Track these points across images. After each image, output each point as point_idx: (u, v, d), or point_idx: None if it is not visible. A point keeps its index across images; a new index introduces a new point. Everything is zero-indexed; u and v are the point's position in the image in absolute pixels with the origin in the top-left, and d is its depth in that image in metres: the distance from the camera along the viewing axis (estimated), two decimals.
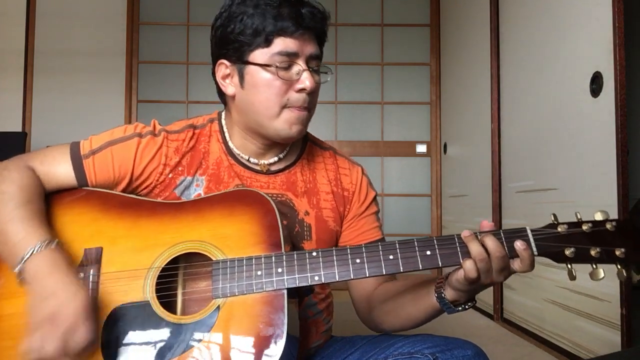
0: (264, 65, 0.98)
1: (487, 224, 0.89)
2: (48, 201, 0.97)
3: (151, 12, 3.89)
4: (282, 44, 0.97)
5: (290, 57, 0.98)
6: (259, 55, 0.98)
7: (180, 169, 1.03)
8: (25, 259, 0.84)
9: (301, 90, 0.98)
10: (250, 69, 0.99)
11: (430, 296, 0.93)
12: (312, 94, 1.01)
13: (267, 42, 0.97)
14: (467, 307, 0.92)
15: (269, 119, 1.00)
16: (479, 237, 0.86)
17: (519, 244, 0.85)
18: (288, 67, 0.98)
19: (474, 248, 0.85)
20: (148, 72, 3.86)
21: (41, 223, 0.89)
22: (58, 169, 0.99)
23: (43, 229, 0.88)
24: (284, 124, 1.00)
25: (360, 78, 3.91)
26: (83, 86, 3.78)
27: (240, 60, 1.00)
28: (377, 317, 1.04)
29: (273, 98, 0.98)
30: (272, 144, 1.06)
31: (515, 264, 0.87)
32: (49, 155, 1.00)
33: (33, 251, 0.84)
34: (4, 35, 3.71)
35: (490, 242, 0.85)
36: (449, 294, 0.90)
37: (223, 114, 1.11)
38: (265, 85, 0.98)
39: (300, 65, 0.98)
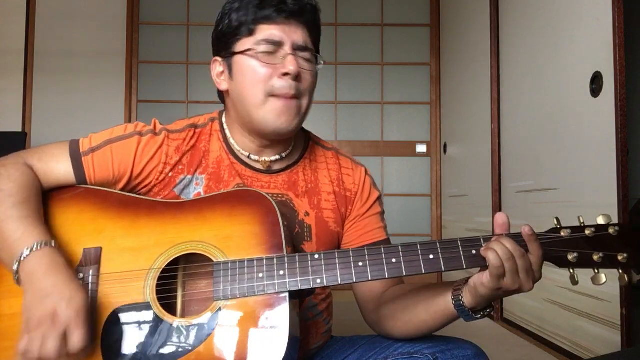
0: (247, 51, 0.98)
1: (500, 217, 0.86)
2: (46, 198, 0.96)
3: (151, 12, 3.88)
4: (265, 31, 0.98)
5: (275, 45, 0.97)
6: (244, 44, 0.99)
7: (180, 167, 1.03)
8: (22, 258, 0.84)
9: (285, 74, 0.96)
10: (236, 58, 1.00)
11: (447, 303, 0.88)
12: (301, 81, 0.98)
13: (250, 31, 0.99)
14: (485, 314, 0.88)
15: (255, 108, 0.98)
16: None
17: (526, 229, 0.83)
18: (272, 53, 0.97)
19: (499, 248, 0.82)
20: (148, 72, 3.86)
21: (39, 222, 0.89)
22: (57, 166, 0.98)
23: (40, 228, 0.88)
24: (270, 113, 0.97)
25: (360, 78, 3.91)
26: (83, 86, 3.78)
27: (229, 53, 1.01)
28: (387, 324, 0.99)
29: (257, 84, 0.97)
30: (271, 142, 1.04)
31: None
32: (48, 152, 0.99)
33: (30, 250, 0.84)
34: (4, 35, 3.71)
35: (508, 243, 0.82)
36: (467, 300, 0.86)
37: (224, 112, 1.10)
38: (250, 71, 0.98)
39: (285, 50, 0.97)
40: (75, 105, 3.76)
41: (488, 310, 0.88)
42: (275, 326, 0.83)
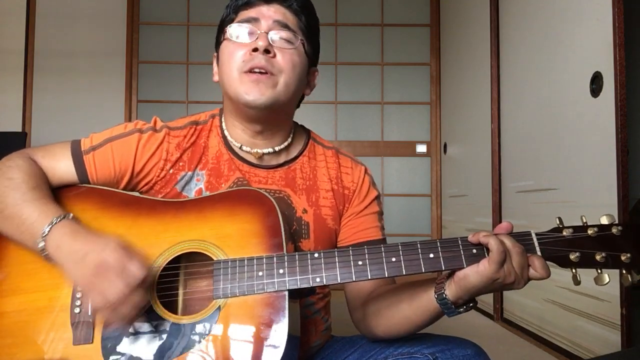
0: (226, 36, 1.02)
1: (505, 225, 0.86)
2: None
3: (151, 12, 3.89)
4: (243, 14, 1.01)
5: (251, 24, 1.00)
6: (227, 31, 1.02)
7: (181, 164, 1.03)
8: (45, 233, 0.86)
9: (255, 50, 0.98)
10: (221, 46, 1.04)
11: (429, 296, 0.87)
12: (276, 57, 0.99)
13: (232, 20, 1.03)
14: (469, 307, 0.86)
15: (232, 85, 1.00)
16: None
17: (535, 261, 0.83)
18: (250, 34, 1.00)
19: (500, 236, 0.82)
20: (148, 72, 3.86)
21: (53, 202, 0.92)
22: (59, 164, 0.99)
23: (56, 206, 0.91)
24: (240, 87, 0.98)
25: (360, 78, 3.91)
26: (83, 86, 3.78)
27: (218, 44, 1.06)
28: (371, 321, 0.98)
29: (232, 64, 0.99)
30: (260, 128, 1.03)
31: (532, 271, 0.83)
32: (50, 151, 1.00)
33: (51, 225, 0.86)
34: (4, 35, 3.71)
35: (507, 239, 0.82)
36: (450, 292, 0.84)
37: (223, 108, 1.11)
38: (228, 54, 1.01)
39: (261, 28, 0.99)
40: (75, 105, 3.76)
41: (471, 305, 0.86)
42: (274, 325, 0.83)
